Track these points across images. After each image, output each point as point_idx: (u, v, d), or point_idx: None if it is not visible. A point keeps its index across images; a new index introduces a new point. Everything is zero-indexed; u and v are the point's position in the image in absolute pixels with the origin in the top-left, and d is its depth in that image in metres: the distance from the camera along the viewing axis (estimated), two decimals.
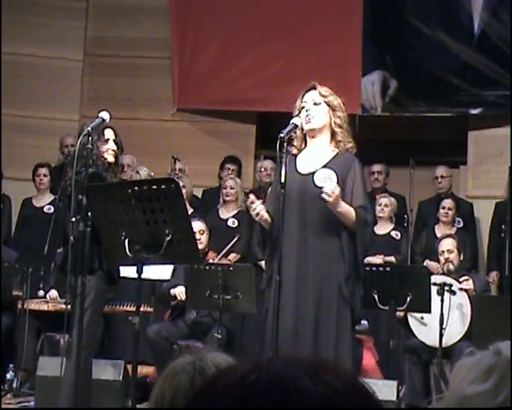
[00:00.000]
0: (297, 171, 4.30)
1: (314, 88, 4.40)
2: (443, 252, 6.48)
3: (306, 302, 4.14)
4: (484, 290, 6.38)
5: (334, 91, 4.42)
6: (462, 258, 6.52)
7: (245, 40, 8.63)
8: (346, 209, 4.15)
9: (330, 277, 4.16)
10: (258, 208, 4.22)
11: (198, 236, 6.63)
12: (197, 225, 6.66)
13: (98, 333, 5.29)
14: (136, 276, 3.93)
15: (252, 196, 4.35)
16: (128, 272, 4.73)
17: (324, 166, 4.25)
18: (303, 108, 4.35)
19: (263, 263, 5.06)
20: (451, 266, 6.37)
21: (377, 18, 8.45)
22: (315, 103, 4.34)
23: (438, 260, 6.98)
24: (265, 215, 4.23)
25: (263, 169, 8.13)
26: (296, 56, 8.44)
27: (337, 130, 4.32)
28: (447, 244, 6.48)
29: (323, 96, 4.35)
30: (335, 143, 4.34)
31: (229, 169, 8.29)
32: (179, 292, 6.28)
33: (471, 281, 6.14)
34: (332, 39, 8.40)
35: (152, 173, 6.50)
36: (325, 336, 4.12)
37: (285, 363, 0.95)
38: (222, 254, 6.94)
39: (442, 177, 8.07)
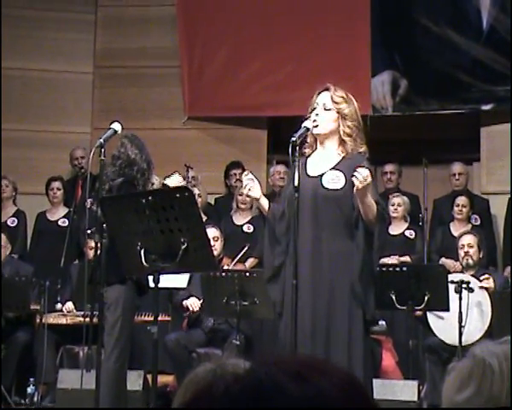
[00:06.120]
0: (307, 174, 4.25)
1: (327, 90, 4.29)
2: (463, 246, 6.42)
3: (320, 303, 4.13)
4: (504, 288, 6.33)
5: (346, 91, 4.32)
6: (481, 255, 6.47)
7: (253, 45, 8.63)
8: (371, 202, 4.08)
9: (343, 276, 4.14)
10: (251, 183, 4.13)
11: (212, 242, 6.60)
12: (211, 232, 6.64)
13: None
14: (165, 285, 3.94)
15: (247, 172, 4.30)
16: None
17: (333, 169, 4.23)
18: (314, 108, 4.28)
19: None
20: (470, 261, 6.33)
21: (385, 18, 8.43)
22: (325, 108, 4.25)
23: (454, 258, 6.94)
24: (257, 193, 4.16)
25: (276, 174, 8.13)
26: (305, 60, 8.43)
27: (346, 138, 4.24)
28: (468, 239, 6.44)
29: (335, 103, 4.24)
30: (344, 148, 4.27)
31: (235, 175, 8.28)
32: (191, 303, 6.28)
33: (491, 279, 6.09)
34: (341, 41, 8.39)
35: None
36: (337, 337, 4.10)
37: (266, 369, 0.94)
38: (235, 261, 6.90)
39: (460, 174, 7.99)
